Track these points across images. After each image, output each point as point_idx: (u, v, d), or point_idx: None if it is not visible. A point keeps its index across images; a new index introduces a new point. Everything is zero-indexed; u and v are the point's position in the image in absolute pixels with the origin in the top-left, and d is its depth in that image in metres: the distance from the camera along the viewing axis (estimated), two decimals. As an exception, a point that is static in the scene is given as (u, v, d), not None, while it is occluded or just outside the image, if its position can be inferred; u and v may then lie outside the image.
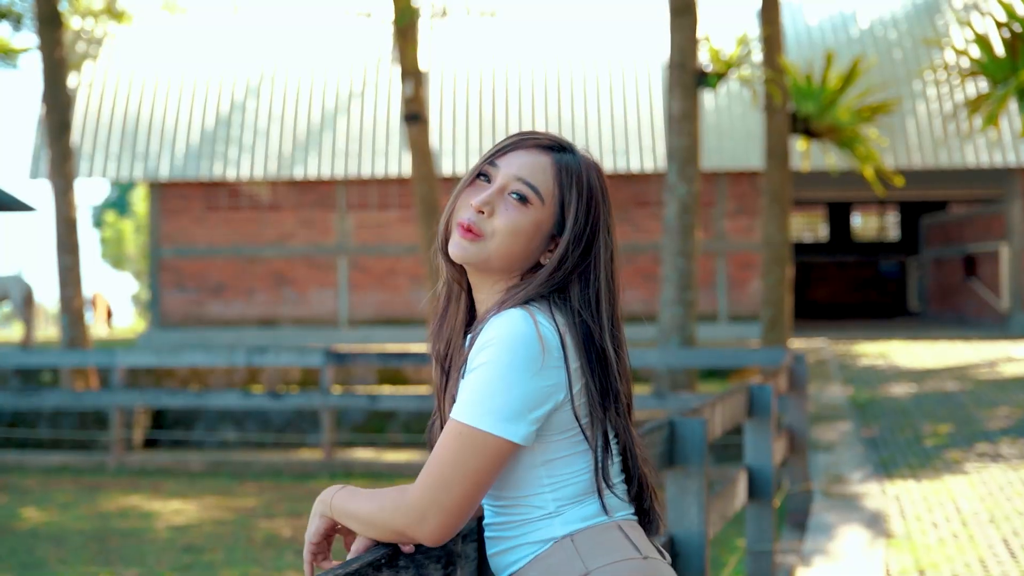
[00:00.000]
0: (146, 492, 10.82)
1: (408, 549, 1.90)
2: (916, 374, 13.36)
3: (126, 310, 52.37)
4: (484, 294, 2.03)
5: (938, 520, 7.41)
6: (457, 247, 1.99)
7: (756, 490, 5.38)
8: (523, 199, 1.98)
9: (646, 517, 2.05)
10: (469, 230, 1.97)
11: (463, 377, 1.93)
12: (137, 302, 55.65)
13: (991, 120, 13.76)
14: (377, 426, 14.08)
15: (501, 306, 1.93)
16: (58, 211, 15.11)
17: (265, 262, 18.44)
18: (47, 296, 48.12)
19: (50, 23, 15.21)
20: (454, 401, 1.97)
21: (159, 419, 14.66)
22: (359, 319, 18.30)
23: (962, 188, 20.13)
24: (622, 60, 18.52)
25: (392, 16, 14.44)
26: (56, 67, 15.16)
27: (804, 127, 15.05)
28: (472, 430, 1.86)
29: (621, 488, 2.02)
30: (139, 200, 53.21)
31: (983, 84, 16.93)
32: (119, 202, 60.64)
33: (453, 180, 18.00)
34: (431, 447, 2.08)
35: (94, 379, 15.00)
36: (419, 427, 14.03)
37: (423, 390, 14.66)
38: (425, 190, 14.53)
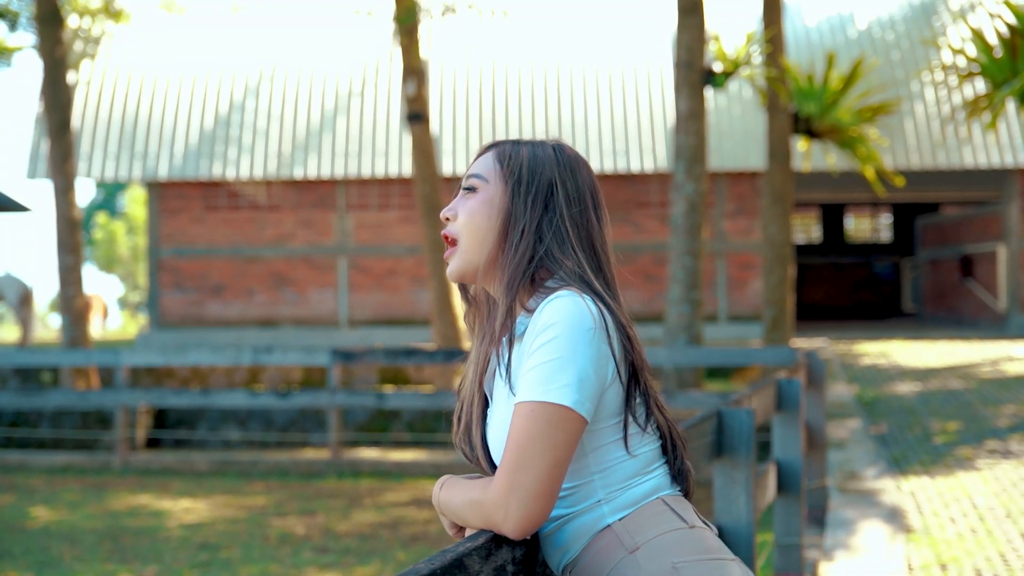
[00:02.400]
0: (154, 491, 10.78)
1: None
2: (919, 373, 13.41)
3: (114, 312, 52.16)
4: (496, 296, 2.09)
5: (955, 515, 7.44)
6: (447, 266, 2.12)
7: (785, 484, 5.39)
8: (471, 189, 2.10)
9: (683, 477, 2.07)
10: (446, 239, 2.11)
11: (507, 371, 1.99)
12: (124, 304, 55.46)
13: (993, 123, 13.84)
14: (381, 425, 14.07)
15: (539, 300, 1.98)
16: (59, 210, 15.06)
17: (265, 262, 18.41)
18: (38, 297, 47.89)
19: (50, 21, 15.16)
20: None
21: (161, 419, 14.63)
22: (359, 320, 18.28)
23: (959, 189, 20.22)
24: (623, 61, 18.54)
25: (394, 14, 14.44)
26: (56, 65, 15.11)
27: (806, 127, 15.09)
28: (541, 405, 1.88)
29: (663, 466, 2.05)
30: (131, 201, 53.04)
31: (980, 85, 17.01)
32: (106, 203, 60.45)
33: (455, 180, 18.00)
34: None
35: (95, 379, 14.96)
36: (423, 426, 14.03)
37: (428, 389, 14.67)
38: (427, 190, 14.52)
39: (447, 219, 2.11)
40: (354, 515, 9.45)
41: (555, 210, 2.06)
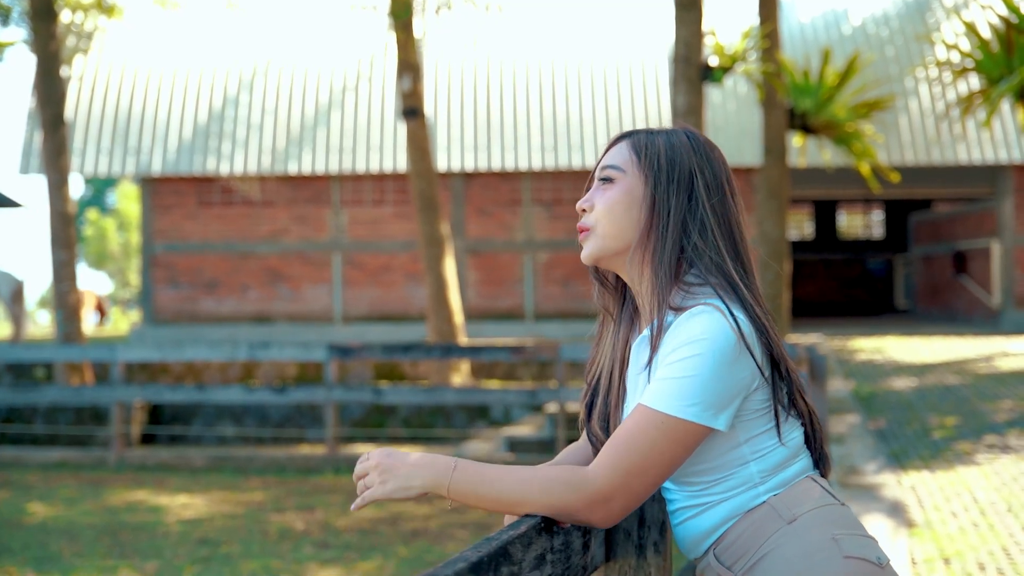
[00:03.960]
0: (151, 487, 10.75)
1: (564, 526, 1.93)
2: (915, 368, 13.42)
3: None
4: (639, 287, 2.10)
5: (956, 510, 7.45)
6: (582, 250, 2.13)
7: (791, 478, 5.39)
8: (607, 180, 2.10)
9: (823, 461, 2.13)
10: (581, 230, 2.11)
11: (648, 371, 1.99)
12: (115, 301, 55.32)
13: (989, 120, 13.85)
14: (377, 421, 14.05)
15: (686, 297, 2.01)
16: (52, 206, 15.01)
17: (259, 258, 18.36)
18: (28, 293, 47.68)
19: (43, 16, 15.11)
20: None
21: (156, 415, 14.59)
22: (353, 315, 18.25)
23: (952, 185, 20.25)
24: (621, 55, 18.52)
25: (389, 9, 14.39)
26: (49, 60, 15.06)
27: (801, 123, 15.10)
28: (673, 419, 1.91)
29: (807, 451, 2.10)
30: (121, 197, 52.90)
31: (974, 81, 17.03)
32: (96, 200, 60.25)
33: (450, 175, 17.97)
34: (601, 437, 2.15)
35: (89, 375, 14.91)
36: (419, 422, 14.01)
37: (425, 384, 14.64)
38: (423, 185, 14.50)
39: (583, 210, 2.11)
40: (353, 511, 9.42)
41: (697, 200, 2.07)
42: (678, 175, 2.07)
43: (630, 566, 2.27)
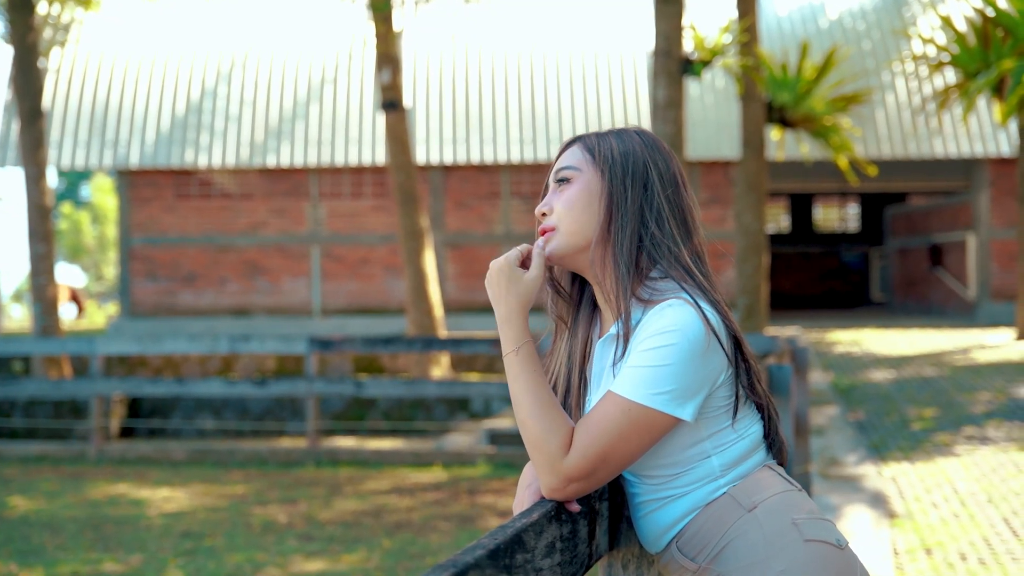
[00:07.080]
0: (132, 480, 10.71)
1: (574, 508, 1.96)
2: (893, 360, 13.52)
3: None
4: (602, 282, 2.11)
5: (937, 500, 7.51)
6: (544, 249, 2.13)
7: (776, 469, 5.42)
8: (564, 180, 2.15)
9: (777, 447, 2.16)
10: (542, 233, 2.13)
11: (619, 363, 2.01)
12: (88, 294, 54.99)
13: (966, 114, 13.96)
14: (357, 414, 14.04)
15: (652, 292, 2.03)
16: (30, 199, 14.93)
17: (237, 251, 18.30)
18: (2, 286, 47.25)
19: (20, 8, 15.02)
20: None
21: (134, 408, 14.54)
22: (333, 308, 18.22)
23: (928, 179, 20.38)
24: (601, 49, 18.55)
25: (369, 1, 14.36)
26: (27, 53, 14.97)
27: (779, 116, 15.16)
28: (640, 407, 1.94)
29: (765, 440, 2.13)
30: (96, 190, 52.61)
31: (950, 75, 17.15)
32: (70, 193, 59.87)
33: (429, 168, 17.96)
34: None
35: (67, 368, 14.85)
36: (400, 415, 14.01)
37: (405, 377, 14.64)
38: (402, 178, 14.49)
39: (543, 214, 2.14)
40: (336, 503, 9.43)
41: (653, 190, 2.10)
42: (632, 167, 2.10)
43: (633, 555, 2.31)
